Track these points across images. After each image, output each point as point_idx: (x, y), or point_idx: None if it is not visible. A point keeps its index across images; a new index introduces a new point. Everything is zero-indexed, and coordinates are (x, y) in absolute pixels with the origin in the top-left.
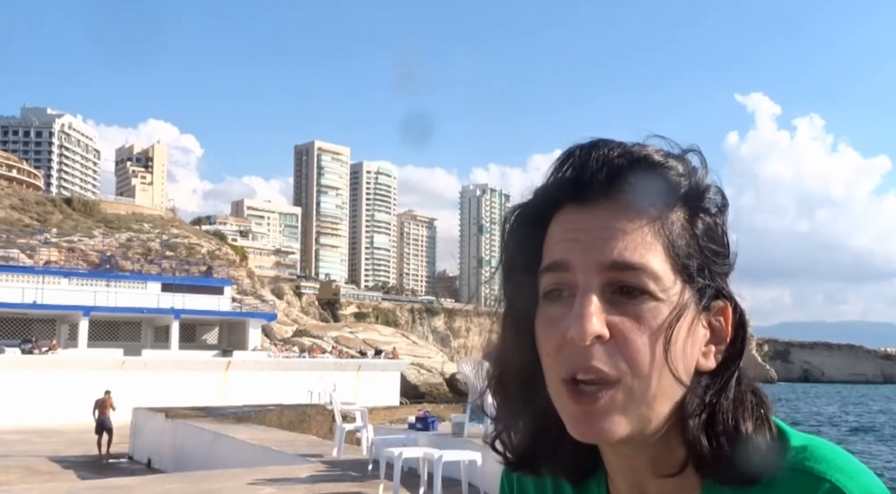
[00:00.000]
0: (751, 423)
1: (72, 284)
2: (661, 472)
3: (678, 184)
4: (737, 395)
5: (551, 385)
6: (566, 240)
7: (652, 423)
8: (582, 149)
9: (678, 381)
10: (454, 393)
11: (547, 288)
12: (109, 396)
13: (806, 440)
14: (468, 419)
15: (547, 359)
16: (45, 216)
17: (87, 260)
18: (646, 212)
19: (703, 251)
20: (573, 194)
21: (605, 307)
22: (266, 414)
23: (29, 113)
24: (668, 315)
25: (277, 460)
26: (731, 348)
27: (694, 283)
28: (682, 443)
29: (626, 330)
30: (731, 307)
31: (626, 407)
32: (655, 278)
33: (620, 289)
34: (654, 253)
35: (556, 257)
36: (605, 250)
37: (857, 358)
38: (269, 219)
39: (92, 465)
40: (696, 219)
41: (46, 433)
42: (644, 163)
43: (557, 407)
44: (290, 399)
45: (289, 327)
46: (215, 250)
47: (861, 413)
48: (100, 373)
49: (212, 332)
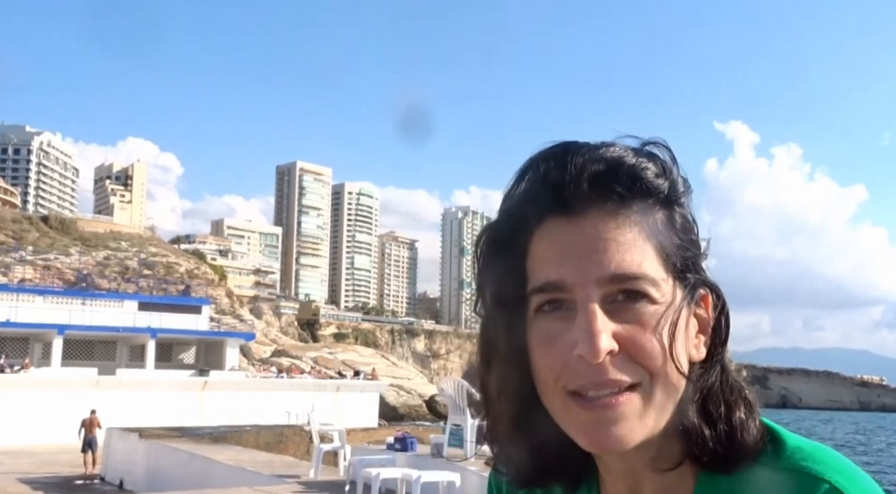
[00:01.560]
0: (742, 409)
1: (46, 302)
2: (659, 467)
3: (659, 186)
4: (725, 381)
5: (554, 399)
6: (557, 256)
7: (663, 423)
8: (554, 157)
9: (683, 377)
10: (433, 414)
11: (540, 304)
12: (95, 415)
13: (802, 441)
14: (447, 440)
15: (548, 374)
16: (21, 234)
17: (63, 278)
18: (632, 217)
19: (685, 244)
20: (556, 206)
21: (607, 318)
22: (243, 435)
23: (7, 130)
24: (668, 315)
25: (254, 481)
26: (714, 334)
27: (683, 279)
28: (679, 435)
29: (634, 337)
30: (710, 293)
31: (644, 412)
32: (654, 283)
33: (620, 296)
34: (649, 259)
35: (550, 277)
36: (603, 264)
37: (835, 385)
38: (250, 238)
39: (62, 486)
40: (673, 215)
41: (16, 453)
42: (623, 167)
43: (562, 421)
44: (268, 419)
45: (267, 347)
46: (194, 269)
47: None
48: (73, 393)
49: (189, 352)
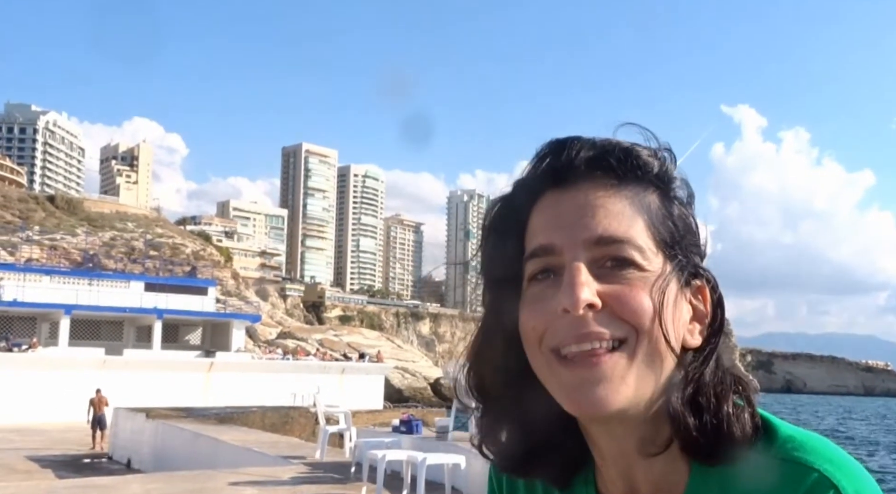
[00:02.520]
0: (731, 402)
1: (53, 282)
2: (647, 451)
3: (650, 164)
4: (717, 374)
5: (539, 360)
6: (549, 224)
7: (645, 393)
8: (554, 144)
9: (670, 349)
10: (438, 397)
11: (533, 272)
12: (101, 394)
13: (794, 431)
14: (452, 423)
15: (532, 334)
16: (28, 213)
17: (69, 258)
18: (623, 191)
19: (679, 230)
20: (552, 181)
21: (594, 279)
22: (249, 416)
23: (13, 109)
24: (657, 282)
25: (259, 461)
26: (710, 327)
27: (674, 259)
28: (667, 421)
29: (619, 294)
30: (708, 288)
31: (626, 373)
32: (640, 250)
33: (609, 263)
34: (637, 228)
35: (541, 241)
36: (591, 226)
37: (839, 370)
38: (255, 220)
39: (70, 464)
40: (669, 204)
41: (25, 431)
42: (617, 147)
43: (548, 384)
44: (274, 401)
45: (273, 329)
46: (200, 250)
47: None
48: (80, 372)
49: (195, 333)
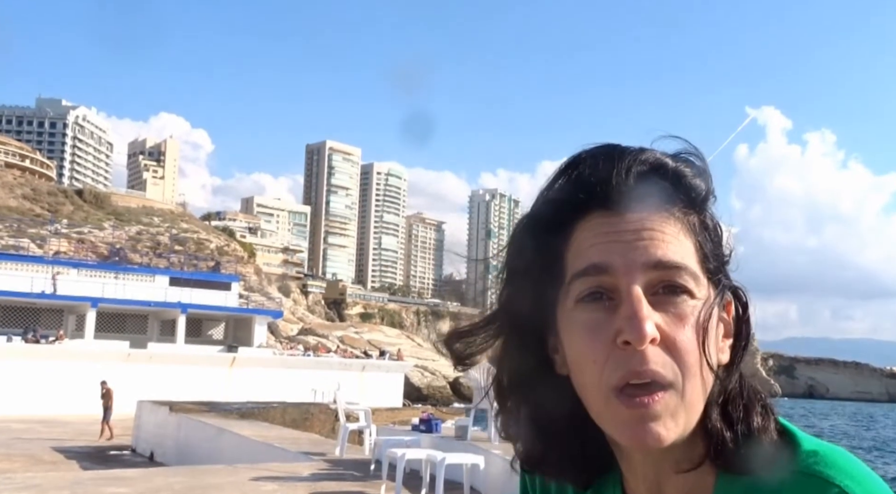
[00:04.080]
0: (759, 413)
1: (80, 275)
2: (682, 468)
3: (698, 187)
4: (744, 385)
5: (595, 394)
6: (603, 242)
7: (693, 422)
8: (599, 156)
9: (715, 377)
10: (458, 396)
11: (582, 293)
12: (107, 385)
13: (817, 445)
14: (471, 422)
15: (593, 368)
16: (57, 207)
17: (96, 251)
18: (674, 214)
19: (717, 248)
20: (601, 200)
21: (650, 308)
22: (270, 411)
23: (44, 104)
24: (704, 311)
25: (280, 457)
26: (736, 340)
27: (717, 284)
28: (702, 436)
29: (673, 332)
30: (733, 301)
31: (677, 411)
32: (694, 277)
33: (661, 289)
34: (689, 254)
35: (594, 260)
36: (649, 250)
37: (863, 376)
38: (279, 216)
39: (95, 456)
40: (706, 220)
41: (51, 422)
42: (664, 169)
43: (601, 416)
44: (294, 397)
45: (294, 325)
46: (224, 246)
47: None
48: (105, 365)
49: (218, 328)
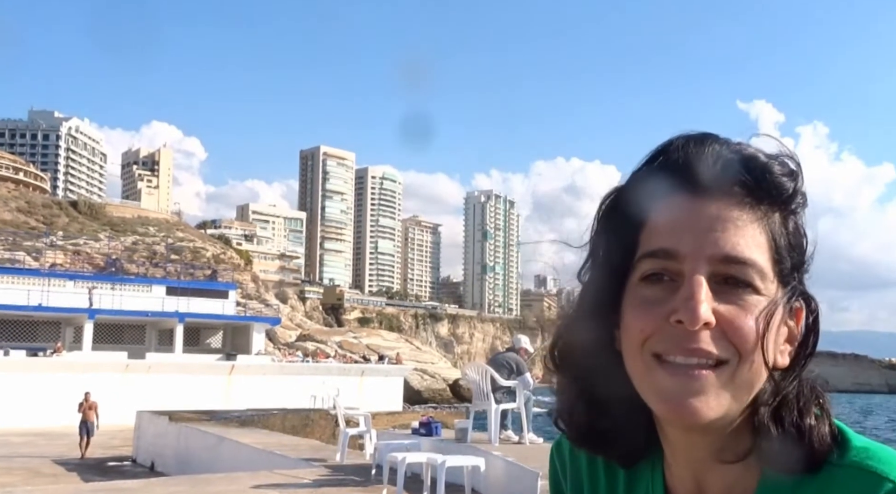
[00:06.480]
0: (813, 416)
1: (77, 287)
2: (725, 459)
3: (784, 184)
4: (802, 391)
5: (638, 360)
6: (676, 227)
7: (735, 410)
8: (692, 140)
9: (768, 371)
10: (457, 398)
11: (646, 272)
12: (90, 398)
13: (868, 442)
14: (471, 425)
15: (637, 335)
16: (52, 219)
17: (92, 263)
18: (756, 208)
19: (794, 250)
20: (685, 182)
21: (711, 295)
22: (269, 418)
23: (36, 116)
24: (768, 307)
25: (281, 464)
26: (801, 348)
27: (787, 285)
28: (749, 432)
29: (732, 317)
30: (804, 309)
31: (722, 390)
32: (761, 274)
33: (725, 280)
34: (762, 250)
35: (664, 244)
36: (720, 242)
37: (862, 368)
38: (274, 223)
39: (95, 468)
40: (788, 220)
41: (51, 435)
42: (755, 161)
43: (642, 384)
44: (294, 403)
45: (292, 331)
46: (220, 254)
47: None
48: (104, 376)
49: (216, 336)
